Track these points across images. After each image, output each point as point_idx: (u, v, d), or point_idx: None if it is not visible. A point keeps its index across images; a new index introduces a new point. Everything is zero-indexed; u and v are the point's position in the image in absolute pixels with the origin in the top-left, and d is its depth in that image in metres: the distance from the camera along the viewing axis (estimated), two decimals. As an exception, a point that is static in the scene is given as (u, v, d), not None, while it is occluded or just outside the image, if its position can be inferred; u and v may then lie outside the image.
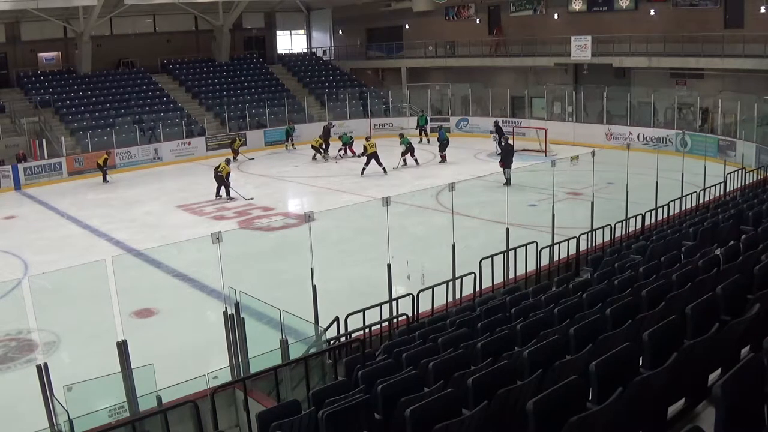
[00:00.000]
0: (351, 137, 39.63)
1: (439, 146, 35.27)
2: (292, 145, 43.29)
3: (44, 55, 49.14)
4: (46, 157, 38.87)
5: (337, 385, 8.91)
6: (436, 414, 6.51)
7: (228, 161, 30.77)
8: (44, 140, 39.60)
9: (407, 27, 53.62)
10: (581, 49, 40.11)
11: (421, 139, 40.57)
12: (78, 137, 40.89)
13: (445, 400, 6.87)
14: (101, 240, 24.85)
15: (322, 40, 60.08)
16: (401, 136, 35.72)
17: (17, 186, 36.53)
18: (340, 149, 39.21)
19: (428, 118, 41.08)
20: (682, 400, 6.33)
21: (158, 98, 47.11)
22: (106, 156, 36.44)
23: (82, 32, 45.78)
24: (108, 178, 35.40)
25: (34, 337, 16.04)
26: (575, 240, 16.07)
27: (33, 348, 15.60)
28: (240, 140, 41.18)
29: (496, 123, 37.94)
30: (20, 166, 37.31)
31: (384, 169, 32.88)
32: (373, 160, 32.76)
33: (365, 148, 33.42)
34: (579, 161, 18.60)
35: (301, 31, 60.58)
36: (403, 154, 34.63)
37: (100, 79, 47.51)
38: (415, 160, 34.73)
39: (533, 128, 37.96)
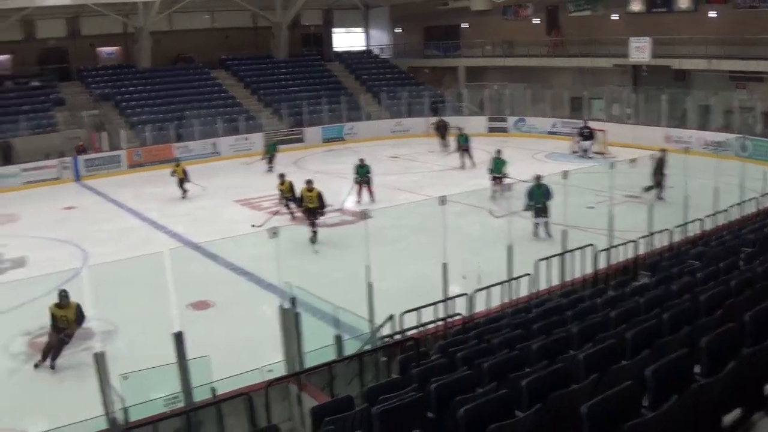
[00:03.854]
0: (466, 136, 35.28)
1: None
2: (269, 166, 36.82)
3: (104, 50, 49.85)
4: (105, 149, 39.44)
5: (391, 382, 8.95)
6: (490, 415, 6.53)
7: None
8: (104, 133, 40.17)
9: (465, 26, 53.47)
10: (640, 51, 39.70)
11: (462, 164, 34.76)
12: (137, 131, 41.39)
13: (498, 401, 6.90)
14: (159, 232, 25.17)
15: (380, 38, 60.10)
16: (459, 129, 35.77)
17: (77, 177, 37.11)
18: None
19: (468, 137, 35.96)
20: (738, 410, 6.27)
21: (217, 94, 47.49)
22: (176, 167, 32.17)
23: (142, 27, 46.32)
24: (186, 189, 31.55)
25: (92, 326, 16.25)
26: (633, 244, 15.96)
27: (90, 336, 15.81)
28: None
29: (585, 124, 37.27)
30: (80, 158, 37.88)
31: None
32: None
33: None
34: (637, 164, 18.48)
35: (359, 29, 60.64)
36: (459, 149, 34.64)
37: (159, 74, 48.05)
38: (471, 159, 34.32)
39: (596, 130, 37.53)
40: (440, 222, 14.38)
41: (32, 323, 16.83)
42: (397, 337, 12.10)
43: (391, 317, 12.62)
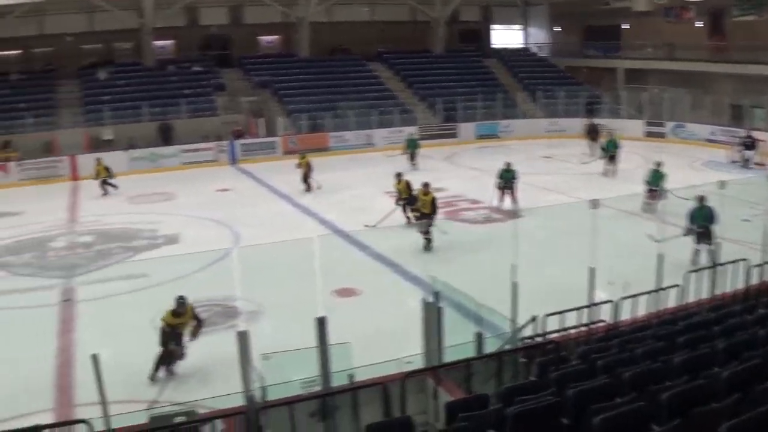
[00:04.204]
0: (616, 142, 33.36)
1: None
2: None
3: (264, 38, 51.13)
4: (262, 135, 40.40)
5: (529, 384, 8.91)
6: (626, 426, 6.47)
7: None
8: (261, 119, 41.16)
9: (626, 26, 52.38)
10: (809, 59, 38.15)
11: (606, 171, 32.94)
12: (293, 118, 42.22)
13: (636, 413, 6.80)
14: (309, 219, 25.67)
15: (538, 35, 59.52)
16: (610, 134, 34.67)
17: (233, 161, 38.20)
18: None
19: (618, 143, 33.40)
20: None
21: (373, 86, 47.98)
22: (302, 160, 31.86)
23: (302, 18, 47.25)
24: (309, 184, 31.30)
25: (238, 305, 16.71)
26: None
27: (236, 315, 16.28)
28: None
29: (749, 133, 36.10)
30: (237, 142, 38.97)
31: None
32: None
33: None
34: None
35: (518, 26, 60.22)
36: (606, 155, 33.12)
37: (317, 64, 48.92)
38: (614, 167, 32.74)
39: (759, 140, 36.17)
40: (590, 225, 14.21)
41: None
42: (539, 339, 12.01)
43: (534, 318, 12.53)
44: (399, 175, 25.36)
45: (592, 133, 38.59)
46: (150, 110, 40.85)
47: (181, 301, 14.34)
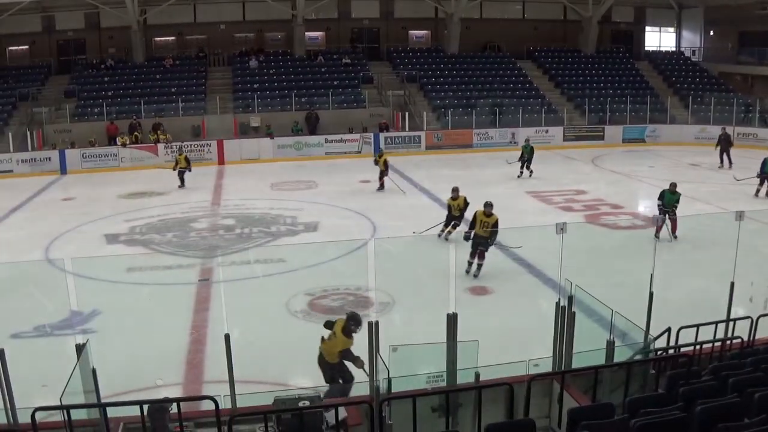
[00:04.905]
0: None
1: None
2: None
3: (414, 33, 51.39)
4: (407, 129, 40.65)
5: (656, 397, 8.74)
6: (753, 447, 6.30)
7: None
8: (407, 113, 41.43)
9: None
10: None
11: (757, 191, 29.26)
12: (439, 114, 42.35)
13: (765, 435, 6.62)
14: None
15: (692, 39, 57.93)
16: None
17: (376, 153, 38.50)
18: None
19: None
20: None
21: (520, 84, 47.74)
22: (379, 158, 31.17)
23: (453, 14, 47.37)
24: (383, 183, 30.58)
25: (370, 296, 16.86)
26: None
27: (368, 305, 16.39)
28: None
29: None
30: (382, 135, 39.28)
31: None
32: None
33: None
34: None
35: (671, 29, 58.77)
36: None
37: (465, 60, 48.94)
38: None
39: None
40: (734, 238, 13.84)
41: (316, 284, 17.84)
42: (671, 351, 11.77)
43: (668, 330, 12.29)
44: (456, 190, 23.05)
45: (723, 143, 37.03)
46: (298, 99, 41.63)
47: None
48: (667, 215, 21.88)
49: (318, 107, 41.50)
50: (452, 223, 22.09)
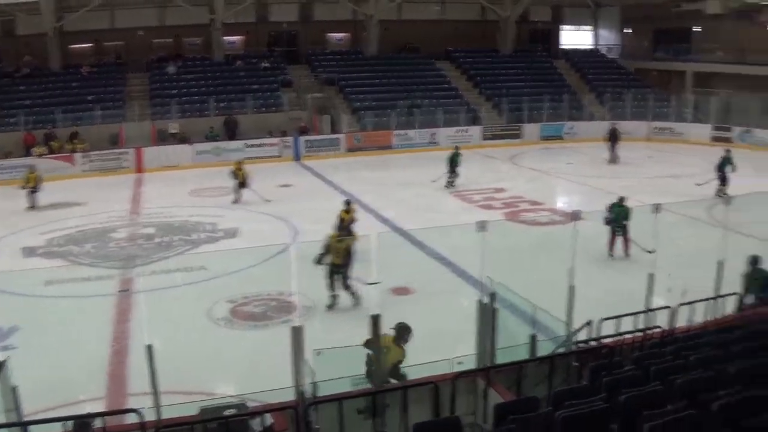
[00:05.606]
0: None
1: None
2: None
3: (333, 35, 51.31)
4: (326, 132, 40.59)
5: (580, 388, 8.80)
6: (676, 434, 6.34)
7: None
8: (326, 116, 41.37)
9: (697, 29, 51.68)
10: None
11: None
12: (359, 116, 42.34)
13: (687, 422, 6.67)
14: (370, 216, 25.56)
15: (609, 37, 58.99)
16: (728, 152, 29.31)
17: (297, 157, 38.42)
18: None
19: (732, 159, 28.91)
20: None
21: (439, 84, 47.95)
22: (238, 168, 29.30)
23: (371, 15, 47.34)
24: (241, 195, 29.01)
25: (293, 300, 16.76)
26: None
27: (291, 310, 16.31)
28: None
29: None
30: (301, 139, 39.23)
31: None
32: None
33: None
34: None
35: (588, 27, 59.71)
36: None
37: (385, 62, 48.97)
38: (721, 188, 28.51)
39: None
40: (651, 230, 14.01)
41: (238, 291, 17.71)
42: (593, 343, 11.86)
43: (589, 323, 12.39)
44: (348, 203, 21.32)
45: (612, 138, 37.73)
46: (217, 105, 41.29)
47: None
48: (620, 232, 20.89)
49: (237, 112, 41.17)
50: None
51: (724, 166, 28.52)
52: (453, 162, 30.81)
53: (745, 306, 14.48)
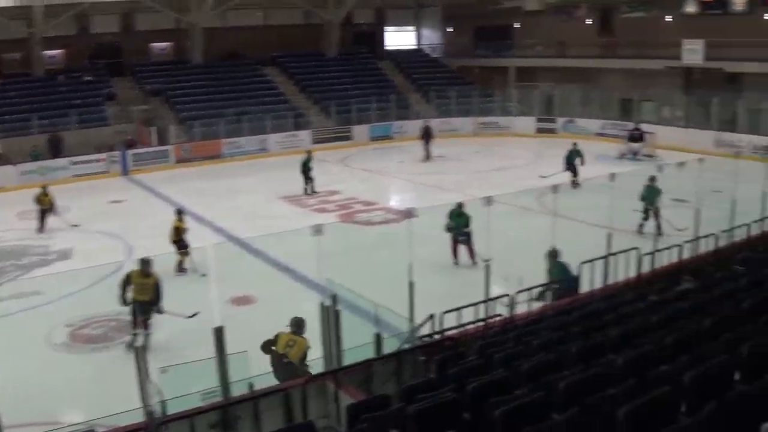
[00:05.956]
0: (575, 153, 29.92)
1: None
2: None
3: (157, 45, 50.29)
4: (154, 144, 39.84)
5: (428, 382, 8.92)
6: (526, 416, 6.49)
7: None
8: (153, 128, 40.61)
9: (517, 26, 53.24)
10: (693, 53, 39.16)
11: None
12: (186, 126, 41.74)
13: (535, 403, 6.84)
14: (204, 227, 25.26)
15: (431, 37, 60.08)
16: (575, 145, 30.25)
17: (125, 171, 37.49)
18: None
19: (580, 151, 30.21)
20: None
21: (267, 90, 47.76)
22: (43, 196, 26.83)
23: (195, 23, 46.69)
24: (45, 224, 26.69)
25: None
26: (678, 248, 15.77)
27: (131, 329, 15.94)
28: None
29: (636, 126, 36.89)
30: (129, 153, 38.29)
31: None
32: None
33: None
34: (686, 168, 18.27)
35: (411, 28, 60.61)
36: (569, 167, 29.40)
37: (210, 70, 48.31)
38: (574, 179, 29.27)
39: (646, 132, 36.93)
40: (485, 222, 14.32)
41: (75, 314, 17.20)
42: (437, 336, 12.04)
43: (431, 317, 12.57)
44: (180, 212, 21.77)
45: (426, 135, 38.45)
46: (40, 122, 39.90)
47: None
48: (464, 240, 20.38)
49: (61, 129, 39.87)
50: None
51: (572, 158, 29.64)
52: (306, 167, 30.70)
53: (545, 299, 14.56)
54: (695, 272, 13.97)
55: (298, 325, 12.27)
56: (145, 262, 15.75)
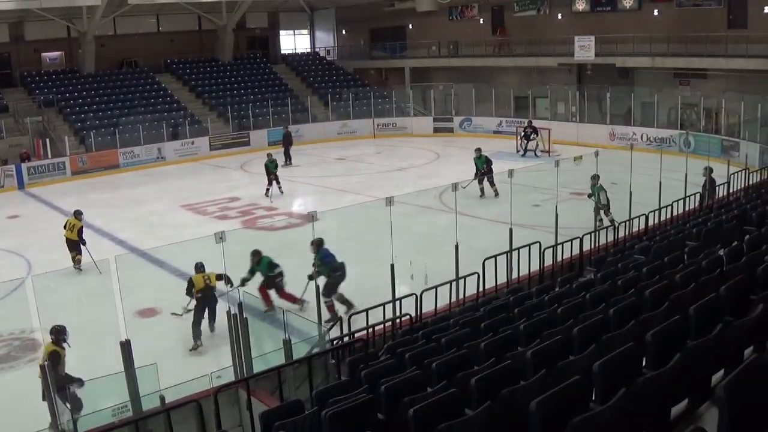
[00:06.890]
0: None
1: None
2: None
3: (48, 55, 49.15)
4: (49, 156, 38.96)
5: (340, 385, 8.91)
6: (440, 414, 6.51)
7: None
8: (48, 140, 39.72)
9: (410, 27, 53.60)
10: (585, 49, 40.01)
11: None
12: (82, 137, 40.96)
13: (448, 401, 6.87)
14: (104, 239, 24.80)
15: (326, 40, 60.15)
16: (478, 151, 28.26)
17: (21, 185, 36.58)
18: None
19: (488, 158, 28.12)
20: (686, 401, 6.30)
21: (162, 98, 47.16)
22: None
23: (86, 32, 45.83)
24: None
25: (37, 337, 15.97)
26: (578, 240, 16.05)
27: (36, 347, 15.54)
28: None
29: (530, 123, 37.64)
30: (24, 166, 37.37)
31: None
32: None
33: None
34: (582, 161, 18.61)
35: (305, 31, 60.62)
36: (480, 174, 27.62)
37: (103, 79, 47.53)
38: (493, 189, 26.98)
39: (540, 128, 37.64)
40: (387, 223, 14.37)
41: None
42: (346, 339, 12.05)
43: (339, 319, 12.58)
44: (79, 213, 22.16)
45: (286, 143, 38.65)
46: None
47: None
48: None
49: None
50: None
51: (480, 165, 28.72)
52: (269, 169, 30.33)
53: None
54: (597, 263, 14.23)
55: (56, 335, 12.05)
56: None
